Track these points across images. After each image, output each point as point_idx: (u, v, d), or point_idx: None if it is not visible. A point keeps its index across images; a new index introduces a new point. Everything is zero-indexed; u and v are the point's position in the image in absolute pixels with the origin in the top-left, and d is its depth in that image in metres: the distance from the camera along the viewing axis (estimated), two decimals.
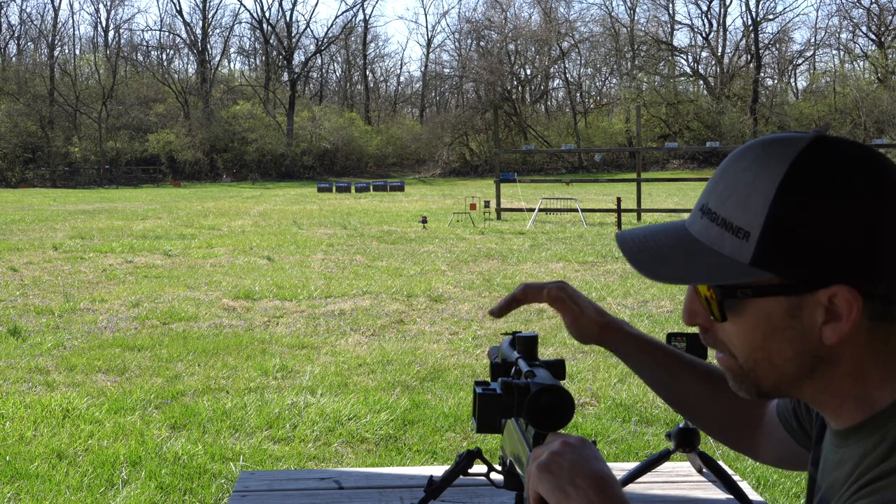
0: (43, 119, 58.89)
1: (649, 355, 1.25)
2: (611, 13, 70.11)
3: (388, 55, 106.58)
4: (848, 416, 0.87)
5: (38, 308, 8.98)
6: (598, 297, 9.33)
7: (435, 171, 61.85)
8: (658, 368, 1.25)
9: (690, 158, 56.87)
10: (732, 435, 1.26)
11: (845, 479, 0.86)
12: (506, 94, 66.01)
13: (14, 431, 4.97)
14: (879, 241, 0.79)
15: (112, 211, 25.81)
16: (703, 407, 1.24)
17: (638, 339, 1.25)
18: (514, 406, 1.01)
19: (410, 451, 4.62)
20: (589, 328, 1.24)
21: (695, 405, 1.25)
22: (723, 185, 0.87)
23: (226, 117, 61.80)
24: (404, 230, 18.14)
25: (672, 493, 1.96)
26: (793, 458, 1.17)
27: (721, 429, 1.26)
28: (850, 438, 0.87)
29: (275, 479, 2.00)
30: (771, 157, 0.84)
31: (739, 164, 0.87)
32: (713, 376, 1.23)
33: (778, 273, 0.81)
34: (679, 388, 1.25)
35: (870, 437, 0.85)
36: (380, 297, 9.55)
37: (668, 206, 24.42)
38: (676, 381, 1.24)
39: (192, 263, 12.78)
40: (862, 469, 0.83)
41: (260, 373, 6.23)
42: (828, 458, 0.93)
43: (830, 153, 0.82)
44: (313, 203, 29.23)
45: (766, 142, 0.87)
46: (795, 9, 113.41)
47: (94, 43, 71.29)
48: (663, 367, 1.24)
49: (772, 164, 0.83)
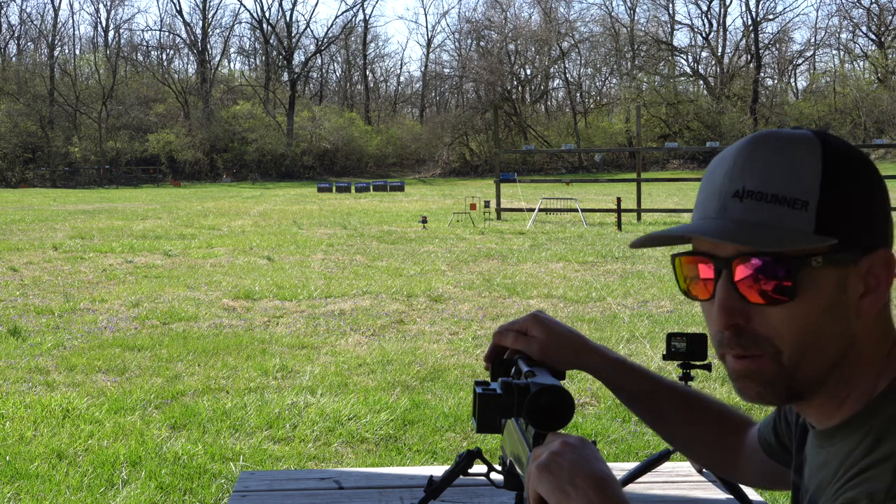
0: (43, 119, 58.91)
1: (628, 379, 1.22)
2: (611, 13, 70.20)
3: (388, 55, 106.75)
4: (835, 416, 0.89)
5: (38, 308, 8.98)
6: (598, 297, 9.33)
7: (435, 171, 61.86)
8: (639, 393, 1.23)
9: (690, 158, 56.88)
10: (713, 459, 1.27)
11: (832, 477, 0.87)
12: (506, 94, 66.01)
13: (14, 431, 4.97)
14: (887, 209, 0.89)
15: (112, 211, 25.82)
16: (683, 432, 1.24)
17: (617, 362, 1.22)
18: (514, 406, 1.01)
19: (410, 451, 4.62)
20: (563, 353, 1.18)
21: (675, 430, 1.24)
22: (759, 165, 0.87)
23: (226, 117, 61.82)
24: (404, 230, 18.14)
25: (672, 493, 1.96)
26: (775, 479, 1.18)
27: (702, 454, 1.26)
28: (836, 437, 0.89)
29: (275, 479, 2.00)
30: (796, 136, 0.88)
31: (767, 146, 0.88)
32: (693, 403, 1.23)
33: (842, 238, 0.84)
34: (660, 413, 1.23)
35: (854, 434, 0.86)
36: (380, 297, 9.55)
37: (668, 207, 24.43)
38: (657, 405, 1.23)
39: (192, 263, 12.78)
40: (848, 464, 0.84)
41: (260, 373, 6.23)
42: (812, 461, 0.94)
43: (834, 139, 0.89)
44: (313, 203, 29.24)
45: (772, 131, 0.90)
46: (795, 9, 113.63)
47: (94, 43, 71.39)
48: (644, 391, 1.23)
49: (804, 141, 0.87)
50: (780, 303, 0.86)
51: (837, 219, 0.84)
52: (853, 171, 0.86)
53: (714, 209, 0.89)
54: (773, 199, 0.85)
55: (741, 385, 0.90)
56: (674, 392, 1.23)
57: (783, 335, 0.87)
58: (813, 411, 0.92)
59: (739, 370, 0.90)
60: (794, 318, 0.86)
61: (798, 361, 0.87)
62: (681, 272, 0.95)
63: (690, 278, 0.94)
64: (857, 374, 0.88)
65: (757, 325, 0.87)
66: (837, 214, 0.84)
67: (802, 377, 0.88)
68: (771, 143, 0.88)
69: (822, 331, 0.86)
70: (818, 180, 0.84)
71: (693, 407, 1.23)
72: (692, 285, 0.94)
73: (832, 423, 0.90)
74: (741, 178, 0.88)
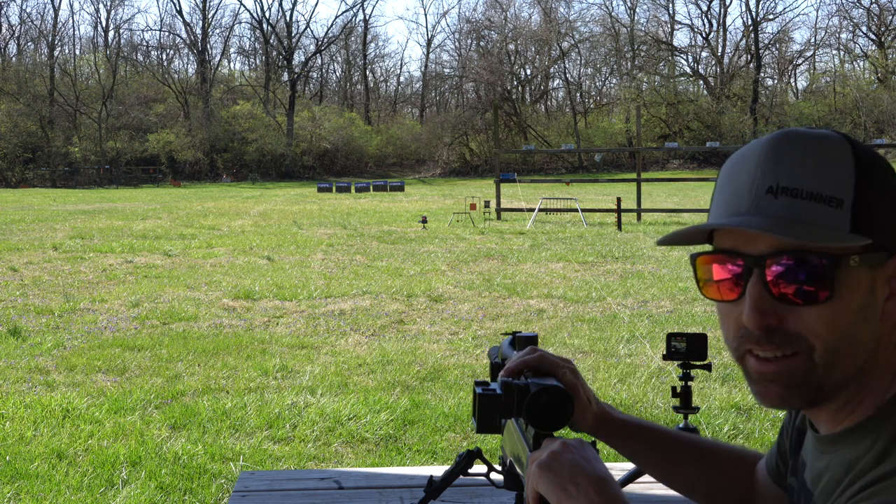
0: (43, 119, 58.89)
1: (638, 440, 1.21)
2: (611, 13, 70.17)
3: (388, 55, 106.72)
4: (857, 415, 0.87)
5: (38, 308, 8.98)
6: (598, 297, 9.32)
7: (435, 171, 61.85)
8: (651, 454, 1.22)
9: (690, 158, 56.87)
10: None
11: (837, 484, 0.85)
12: (506, 94, 65.99)
13: (14, 431, 4.97)
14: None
15: (112, 211, 25.81)
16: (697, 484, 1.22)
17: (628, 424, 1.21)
18: (514, 406, 1.01)
19: (410, 451, 4.62)
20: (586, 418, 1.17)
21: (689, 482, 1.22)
22: (792, 162, 0.86)
23: (226, 117, 61.81)
24: (404, 230, 18.14)
25: (672, 493, 1.96)
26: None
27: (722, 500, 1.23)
28: (841, 442, 0.87)
29: (275, 479, 2.00)
30: (825, 136, 0.88)
31: (795, 144, 0.87)
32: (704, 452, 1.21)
33: (877, 237, 0.84)
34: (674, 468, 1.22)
35: (864, 440, 0.84)
36: (380, 297, 9.55)
37: (668, 207, 24.42)
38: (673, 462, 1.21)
39: (192, 263, 12.78)
40: (857, 472, 0.83)
41: (260, 373, 6.23)
42: (813, 465, 0.92)
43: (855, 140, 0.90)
44: (313, 203, 29.23)
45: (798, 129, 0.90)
46: (795, 9, 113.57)
47: (94, 43, 71.37)
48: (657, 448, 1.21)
49: (833, 140, 0.87)
50: (818, 302, 0.83)
51: (871, 218, 0.84)
52: (881, 172, 0.86)
53: (745, 206, 0.86)
54: (808, 196, 0.84)
55: (762, 388, 0.88)
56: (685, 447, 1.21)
57: (819, 334, 0.84)
58: (825, 416, 0.90)
59: (766, 373, 0.87)
60: (830, 317, 0.83)
61: (831, 360, 0.84)
62: (702, 272, 0.92)
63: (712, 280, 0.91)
64: (873, 379, 0.87)
65: (790, 324, 0.85)
66: (871, 214, 0.84)
67: (832, 378, 0.85)
68: (800, 141, 0.87)
69: (854, 332, 0.84)
70: (852, 178, 0.84)
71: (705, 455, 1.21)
72: (714, 286, 0.90)
73: (839, 428, 0.88)
74: (774, 175, 0.85)
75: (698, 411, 2.02)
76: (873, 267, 0.84)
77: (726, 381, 5.78)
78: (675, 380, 1.35)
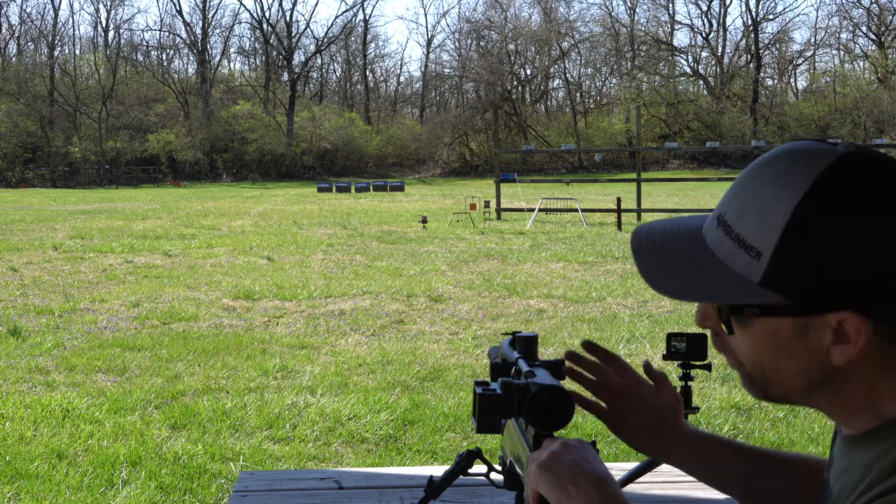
0: (43, 119, 58.88)
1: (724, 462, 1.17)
2: (611, 13, 70.15)
3: (388, 55, 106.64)
4: (861, 424, 0.86)
5: (38, 308, 8.98)
6: (598, 297, 9.33)
7: (435, 171, 61.84)
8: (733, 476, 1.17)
9: (690, 158, 56.88)
10: None
11: (854, 487, 0.84)
12: (506, 94, 65.99)
13: (14, 431, 4.97)
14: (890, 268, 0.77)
15: (112, 211, 25.81)
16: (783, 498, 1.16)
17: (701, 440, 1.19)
18: (514, 406, 1.01)
19: (410, 451, 4.62)
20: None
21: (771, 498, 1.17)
22: (743, 196, 0.85)
23: (226, 117, 61.80)
24: (404, 230, 18.14)
25: (672, 493, 1.96)
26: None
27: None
28: (860, 444, 0.86)
29: (275, 479, 2.00)
30: (794, 175, 0.80)
31: (763, 175, 0.84)
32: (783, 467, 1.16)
33: (786, 296, 0.80)
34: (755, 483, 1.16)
35: (878, 446, 0.83)
36: (380, 297, 9.55)
37: (668, 206, 24.42)
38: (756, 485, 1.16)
39: (192, 263, 12.78)
40: (870, 480, 0.81)
41: (260, 373, 6.23)
42: (837, 464, 0.91)
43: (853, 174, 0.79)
44: (313, 203, 29.23)
45: (794, 154, 0.83)
46: (795, 9, 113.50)
47: (94, 43, 71.34)
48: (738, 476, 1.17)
49: (793, 183, 0.80)
50: (730, 331, 0.87)
51: (788, 277, 0.79)
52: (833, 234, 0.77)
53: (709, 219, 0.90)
54: (735, 239, 0.84)
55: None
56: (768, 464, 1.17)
57: (742, 354, 0.88)
58: (836, 418, 0.90)
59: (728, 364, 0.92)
60: (744, 346, 0.87)
61: (760, 376, 0.87)
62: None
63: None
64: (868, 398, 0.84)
65: (726, 336, 0.89)
66: (790, 273, 0.79)
67: (772, 391, 0.88)
68: (771, 172, 0.83)
69: (776, 364, 0.85)
70: (778, 235, 0.79)
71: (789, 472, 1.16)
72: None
73: (859, 431, 0.86)
74: (729, 203, 0.86)
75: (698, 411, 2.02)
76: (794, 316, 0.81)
77: (726, 381, 5.78)
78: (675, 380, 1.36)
